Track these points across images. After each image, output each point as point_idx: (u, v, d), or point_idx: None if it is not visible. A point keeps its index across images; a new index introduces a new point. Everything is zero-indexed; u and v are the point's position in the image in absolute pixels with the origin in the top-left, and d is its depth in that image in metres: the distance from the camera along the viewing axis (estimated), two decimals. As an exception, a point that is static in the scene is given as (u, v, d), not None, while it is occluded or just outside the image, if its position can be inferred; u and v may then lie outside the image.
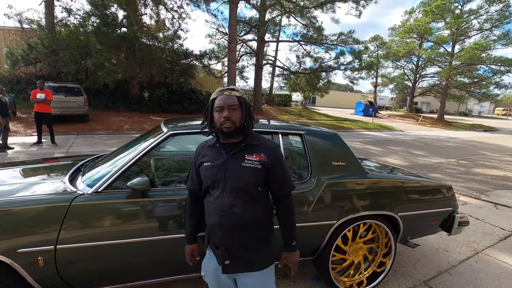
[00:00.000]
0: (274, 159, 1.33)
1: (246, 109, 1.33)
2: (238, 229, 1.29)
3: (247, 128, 1.34)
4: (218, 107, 1.30)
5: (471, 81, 26.60)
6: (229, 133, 1.29)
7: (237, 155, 1.32)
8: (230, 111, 1.28)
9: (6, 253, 1.45)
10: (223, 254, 1.30)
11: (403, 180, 2.42)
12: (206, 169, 1.34)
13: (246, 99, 1.36)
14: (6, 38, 15.48)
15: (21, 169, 2.31)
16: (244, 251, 1.31)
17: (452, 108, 49.15)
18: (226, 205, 1.28)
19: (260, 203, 1.35)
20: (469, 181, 6.18)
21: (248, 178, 1.29)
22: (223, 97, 1.31)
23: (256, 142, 1.36)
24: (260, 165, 1.30)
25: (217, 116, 1.30)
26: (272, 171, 1.33)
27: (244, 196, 1.29)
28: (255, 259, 1.32)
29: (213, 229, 1.32)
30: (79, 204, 1.59)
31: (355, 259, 2.31)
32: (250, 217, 1.30)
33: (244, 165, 1.29)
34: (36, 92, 7.02)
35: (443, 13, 25.82)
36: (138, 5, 13.31)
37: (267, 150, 1.34)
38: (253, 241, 1.32)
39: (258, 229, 1.34)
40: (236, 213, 1.28)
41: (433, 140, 14.35)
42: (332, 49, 18.71)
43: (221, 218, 1.28)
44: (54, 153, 6.58)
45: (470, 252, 3.09)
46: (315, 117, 22.09)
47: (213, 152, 1.37)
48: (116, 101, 14.64)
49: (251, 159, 1.30)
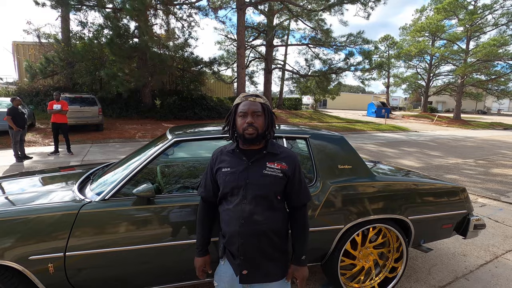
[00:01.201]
0: (294, 168, 1.34)
1: (269, 117, 1.34)
2: (258, 237, 1.28)
3: (268, 136, 1.34)
4: (242, 112, 1.30)
5: (488, 78, 25.71)
6: (251, 140, 1.29)
7: (258, 162, 1.32)
8: (254, 117, 1.28)
9: (18, 260, 1.50)
10: (241, 263, 1.28)
11: (413, 183, 2.35)
12: (226, 175, 1.33)
13: (269, 106, 1.37)
14: (25, 52, 16.25)
15: (37, 178, 2.40)
16: (263, 260, 1.29)
17: (469, 106, 47.62)
18: (247, 212, 1.27)
19: (279, 211, 1.34)
20: (488, 182, 5.95)
21: (270, 185, 1.29)
22: (247, 103, 1.31)
23: (277, 150, 1.36)
24: (281, 173, 1.31)
25: (240, 121, 1.31)
26: (291, 180, 1.33)
27: (265, 203, 1.29)
28: (274, 269, 1.31)
29: (232, 237, 1.29)
30: (87, 212, 1.63)
31: (365, 264, 2.25)
32: (270, 225, 1.29)
33: (265, 172, 1.30)
34: (53, 103, 7.30)
35: (456, 10, 25.21)
36: (148, 16, 13.69)
37: (288, 159, 1.35)
38: (272, 250, 1.31)
39: (277, 238, 1.32)
40: (257, 221, 1.27)
41: (449, 140, 13.92)
42: (341, 50, 18.58)
43: (241, 226, 1.26)
44: (70, 162, 6.79)
45: (489, 256, 2.96)
46: (326, 119, 21.89)
47: (232, 158, 1.36)
48: (129, 110, 15.03)
49: (273, 167, 1.31)
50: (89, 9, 12.89)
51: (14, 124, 6.41)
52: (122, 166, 2.03)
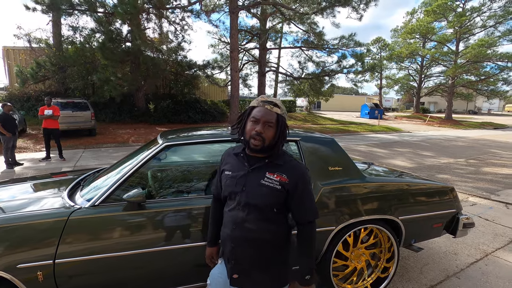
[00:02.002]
0: (297, 182, 1.25)
1: (281, 130, 1.26)
2: (249, 244, 1.26)
3: (276, 148, 1.27)
4: (254, 118, 1.23)
5: (478, 78, 26.21)
6: (256, 150, 1.25)
7: (258, 170, 1.26)
8: (264, 127, 1.21)
9: (6, 269, 1.48)
10: (233, 267, 1.29)
11: (403, 183, 2.39)
12: (226, 179, 1.32)
13: (285, 118, 1.28)
14: (16, 57, 16.05)
15: (28, 184, 2.37)
16: (253, 268, 1.28)
17: (461, 107, 48.40)
18: (239, 219, 1.26)
19: (274, 223, 1.28)
20: (478, 181, 6.04)
21: (264, 196, 1.23)
22: (263, 109, 1.23)
23: (281, 161, 1.28)
24: (279, 186, 1.23)
25: (249, 127, 1.24)
26: (291, 195, 1.26)
27: (257, 213, 1.25)
28: (264, 279, 1.29)
29: (225, 240, 1.31)
30: (77, 218, 1.62)
31: (358, 265, 2.27)
32: (262, 235, 1.26)
33: (262, 182, 1.24)
34: (44, 109, 7.21)
35: (445, 12, 25.72)
36: (141, 19, 13.65)
37: (291, 171, 1.26)
38: (263, 260, 1.28)
39: (270, 249, 1.28)
40: (248, 228, 1.25)
41: (441, 140, 14.12)
42: (334, 52, 18.75)
43: (233, 230, 1.27)
44: (62, 168, 6.71)
45: (479, 254, 3.01)
46: (320, 121, 22.03)
47: (236, 161, 1.33)
48: (122, 114, 14.93)
49: (271, 178, 1.24)
50: (80, 14, 12.81)
51: (5, 131, 6.32)
52: (113, 172, 2.02)
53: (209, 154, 2.84)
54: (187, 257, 1.78)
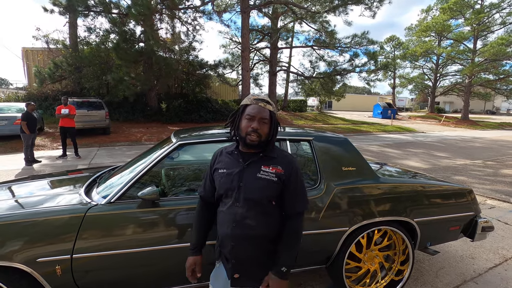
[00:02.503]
0: (290, 173, 1.30)
1: (275, 126, 1.32)
2: (249, 242, 1.26)
3: (271, 142, 1.32)
4: (249, 115, 1.27)
5: (496, 77, 25.35)
6: (253, 146, 1.28)
7: (253, 165, 1.30)
8: (260, 124, 1.26)
9: (26, 262, 1.53)
10: (233, 267, 1.28)
11: (419, 184, 2.33)
12: (221, 176, 1.33)
13: (276, 114, 1.35)
14: (35, 58, 16.60)
15: (46, 181, 2.44)
16: (254, 266, 1.28)
17: (478, 106, 46.92)
18: (239, 216, 1.25)
19: (273, 217, 1.30)
20: (497, 183, 5.84)
21: (263, 189, 1.26)
22: (257, 107, 1.28)
23: (274, 154, 1.33)
24: (276, 177, 1.27)
25: (245, 124, 1.28)
26: (287, 185, 1.29)
27: (257, 208, 1.26)
28: (264, 275, 1.28)
29: (224, 240, 1.29)
30: (93, 215, 1.66)
31: (371, 267, 2.23)
32: (263, 230, 1.27)
33: (259, 176, 1.27)
34: (61, 108, 7.43)
35: (462, 9, 24.97)
36: (154, 20, 13.86)
37: (284, 163, 1.31)
38: (265, 256, 1.29)
39: (271, 244, 1.29)
40: (249, 225, 1.25)
41: (457, 140, 13.73)
42: (346, 51, 18.52)
43: (233, 229, 1.25)
44: (78, 165, 6.89)
45: (498, 259, 2.90)
46: (331, 121, 21.80)
47: (230, 159, 1.35)
48: (135, 113, 15.19)
49: (267, 170, 1.28)
50: (96, 15, 13.11)
51: (28, 129, 6.55)
52: (128, 169, 2.06)
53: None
54: None
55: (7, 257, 1.50)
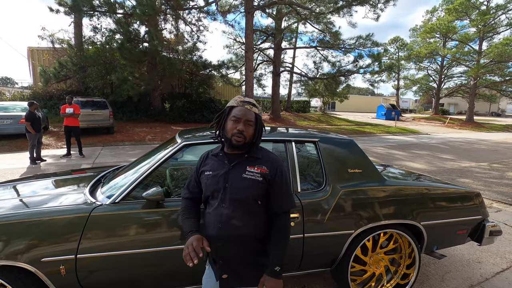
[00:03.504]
0: (275, 172, 1.31)
1: (259, 128, 1.34)
2: (236, 242, 1.26)
3: (255, 144, 1.34)
4: (235, 117, 1.28)
5: (502, 79, 25.09)
6: (238, 147, 1.29)
7: (238, 166, 1.31)
8: (245, 126, 1.28)
9: (31, 262, 1.52)
10: (221, 268, 1.29)
11: (425, 187, 2.30)
12: (207, 178, 1.33)
13: (261, 117, 1.37)
14: (40, 57, 16.71)
15: (50, 180, 2.44)
16: (242, 265, 1.29)
17: (483, 108, 46.49)
18: (225, 216, 1.26)
19: (259, 216, 1.31)
20: (503, 186, 5.77)
21: (248, 189, 1.27)
22: (243, 109, 1.29)
23: (259, 154, 1.35)
24: (261, 177, 1.28)
25: (230, 126, 1.29)
26: (272, 185, 1.30)
27: (243, 208, 1.27)
28: (254, 274, 1.29)
29: (211, 241, 1.28)
30: (98, 215, 1.65)
31: (376, 270, 2.21)
32: (249, 230, 1.27)
33: (244, 176, 1.28)
34: (65, 107, 7.46)
35: (468, 10, 24.76)
36: (158, 20, 13.90)
37: (269, 163, 1.33)
38: (251, 256, 1.30)
39: (258, 243, 1.30)
40: (235, 225, 1.25)
41: (461, 143, 13.60)
42: (350, 52, 18.43)
43: (219, 230, 1.26)
44: (82, 164, 6.92)
45: (505, 263, 2.86)
46: (335, 122, 21.72)
47: (215, 161, 1.36)
48: (139, 113, 15.25)
49: (252, 170, 1.29)
50: (101, 15, 13.17)
51: (32, 129, 6.58)
52: (132, 170, 2.05)
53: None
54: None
55: (12, 256, 1.50)
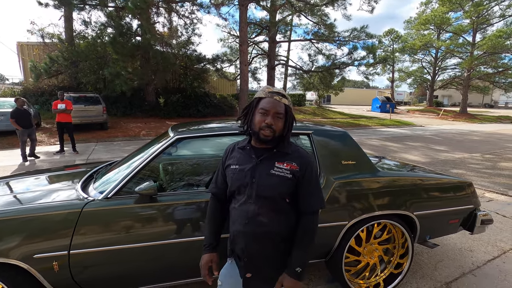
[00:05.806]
0: (305, 170, 1.24)
1: (290, 121, 1.26)
2: (261, 239, 1.22)
3: (285, 138, 1.26)
4: (264, 109, 1.20)
5: (495, 70, 25.29)
6: (266, 141, 1.22)
7: (267, 161, 1.24)
8: (274, 119, 1.19)
9: (23, 258, 1.51)
10: (246, 265, 1.24)
11: (418, 178, 2.32)
12: (233, 172, 1.28)
13: (292, 108, 1.28)
14: (30, 53, 16.38)
15: (43, 177, 2.41)
16: (267, 266, 1.24)
17: (476, 100, 46.96)
18: (251, 213, 1.21)
19: (287, 214, 1.25)
20: (495, 176, 5.86)
21: (276, 186, 1.21)
22: (272, 101, 1.20)
23: (288, 149, 1.27)
24: (290, 174, 1.21)
25: (258, 119, 1.20)
26: (301, 182, 1.24)
27: (270, 205, 1.22)
28: (276, 276, 1.23)
29: (236, 237, 1.25)
30: (90, 210, 1.63)
31: (370, 260, 2.24)
32: (276, 228, 1.22)
33: (272, 172, 1.22)
34: (57, 103, 7.34)
35: (461, 2, 24.76)
36: (151, 14, 13.66)
37: (299, 159, 1.25)
38: (278, 255, 1.24)
39: (284, 242, 1.24)
40: (261, 222, 1.21)
41: (455, 134, 13.75)
42: (345, 45, 18.38)
43: (245, 226, 1.22)
44: (75, 161, 6.85)
45: (496, 251, 2.92)
46: (330, 115, 21.76)
47: (242, 154, 1.30)
48: (133, 108, 15.10)
49: (281, 167, 1.22)
50: (92, 8, 12.90)
51: (18, 125, 6.47)
52: (125, 165, 2.03)
53: (218, 147, 2.82)
54: (197, 250, 1.78)
55: (4, 253, 1.48)
